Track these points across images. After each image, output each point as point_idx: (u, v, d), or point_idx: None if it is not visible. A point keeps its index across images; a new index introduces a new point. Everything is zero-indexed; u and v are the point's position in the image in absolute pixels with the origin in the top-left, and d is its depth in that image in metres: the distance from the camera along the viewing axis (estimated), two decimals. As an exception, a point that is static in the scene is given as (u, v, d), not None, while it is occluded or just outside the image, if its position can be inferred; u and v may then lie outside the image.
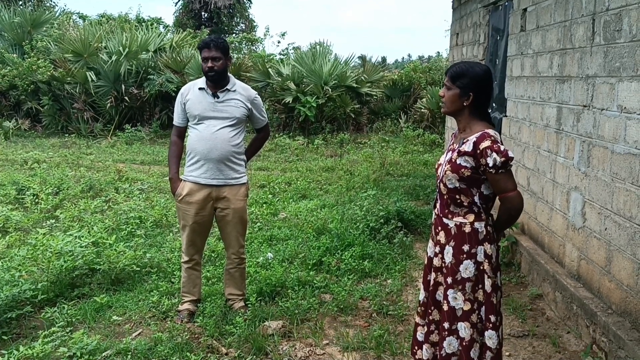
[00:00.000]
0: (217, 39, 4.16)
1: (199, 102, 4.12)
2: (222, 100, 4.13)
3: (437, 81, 16.72)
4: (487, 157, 2.67)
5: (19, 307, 4.28)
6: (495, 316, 2.78)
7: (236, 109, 4.16)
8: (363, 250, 5.58)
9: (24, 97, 15.35)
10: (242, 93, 4.22)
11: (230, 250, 4.34)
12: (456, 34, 9.31)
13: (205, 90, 4.14)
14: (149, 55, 15.71)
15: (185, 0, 30.66)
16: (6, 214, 6.62)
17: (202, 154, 4.09)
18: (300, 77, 15.56)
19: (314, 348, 3.84)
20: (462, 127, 2.88)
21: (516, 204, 2.76)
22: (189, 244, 4.24)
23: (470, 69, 2.81)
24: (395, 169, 10.48)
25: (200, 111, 4.10)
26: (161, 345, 3.75)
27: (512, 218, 2.84)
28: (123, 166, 10.37)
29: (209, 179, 4.13)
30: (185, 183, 4.18)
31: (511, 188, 2.73)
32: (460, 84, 2.80)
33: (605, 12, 3.92)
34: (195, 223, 4.18)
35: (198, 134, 4.11)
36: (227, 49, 4.16)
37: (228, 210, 4.19)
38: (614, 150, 3.75)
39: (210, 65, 4.06)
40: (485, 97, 2.83)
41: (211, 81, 4.12)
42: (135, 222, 6.55)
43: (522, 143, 5.72)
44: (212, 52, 4.06)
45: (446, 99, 2.88)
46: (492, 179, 2.73)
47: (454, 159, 2.79)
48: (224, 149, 4.09)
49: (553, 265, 4.70)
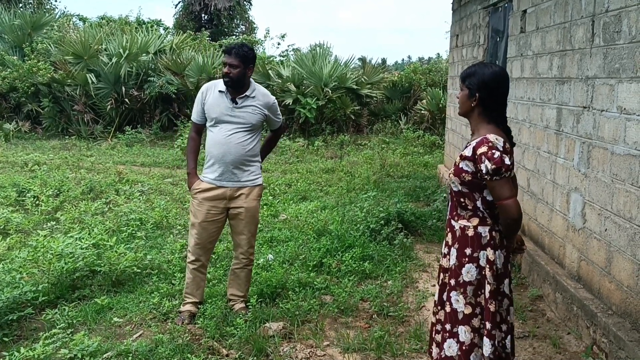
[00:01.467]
0: (242, 47, 4.17)
1: (217, 105, 4.14)
2: (240, 106, 4.15)
3: (437, 83, 16.75)
4: (482, 163, 2.65)
5: (20, 308, 4.27)
6: (491, 323, 2.73)
7: (253, 115, 4.18)
8: (363, 251, 5.59)
9: (25, 99, 15.37)
10: (260, 99, 4.24)
11: (240, 250, 4.36)
12: (456, 36, 9.33)
13: (225, 94, 4.16)
14: (149, 57, 15.73)
15: (186, 2, 30.71)
16: (7, 216, 6.62)
17: (217, 157, 4.14)
18: (300, 78, 15.59)
19: (314, 349, 3.85)
20: (472, 129, 2.86)
21: (511, 213, 2.68)
22: (196, 242, 4.25)
23: (479, 69, 2.79)
24: (395, 171, 10.49)
25: (217, 114, 4.13)
26: (162, 346, 3.76)
27: (509, 226, 2.76)
28: (123, 168, 10.39)
29: (224, 182, 4.18)
30: (202, 183, 4.23)
31: (506, 196, 2.67)
32: (468, 84, 2.79)
33: (605, 14, 3.93)
34: (205, 221, 4.20)
35: (213, 137, 4.16)
36: (248, 58, 4.13)
37: (241, 209, 4.22)
38: (614, 151, 3.76)
39: (226, 71, 4.08)
40: (492, 98, 2.76)
41: (229, 86, 4.13)
42: (136, 224, 6.55)
43: (522, 144, 5.73)
44: (230, 58, 4.09)
45: (459, 99, 2.87)
46: (488, 186, 2.71)
47: (457, 162, 2.79)
48: (237, 154, 4.13)
49: (553, 267, 4.71)
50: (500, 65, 2.86)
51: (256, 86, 4.28)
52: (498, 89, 2.78)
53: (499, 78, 2.77)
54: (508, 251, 2.84)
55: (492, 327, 2.74)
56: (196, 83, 14.85)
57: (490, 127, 2.76)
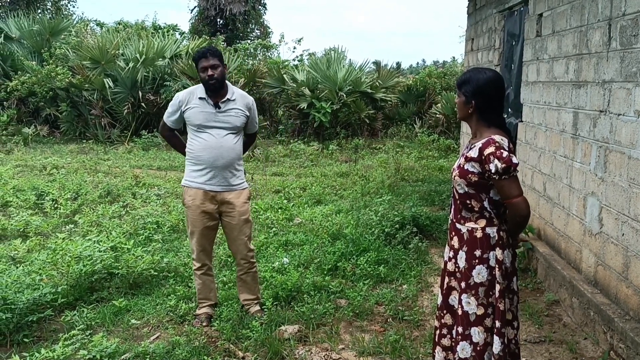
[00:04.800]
0: (212, 47, 4.19)
1: (199, 112, 4.13)
2: (223, 110, 4.16)
3: (452, 86, 16.69)
4: (490, 163, 2.69)
5: (40, 310, 4.34)
6: (500, 322, 2.77)
7: (237, 118, 4.20)
8: (378, 255, 5.59)
9: (43, 103, 15.59)
10: (241, 101, 4.26)
11: (239, 256, 4.38)
12: (471, 40, 9.31)
13: (206, 100, 4.14)
14: (165, 62, 15.87)
15: (201, 7, 30.90)
16: (26, 219, 6.73)
17: (209, 162, 4.13)
18: (314, 82, 15.63)
19: (329, 352, 3.86)
20: (473, 132, 2.92)
21: (521, 210, 2.74)
22: (199, 250, 4.29)
23: (474, 75, 2.84)
24: (410, 175, 10.47)
25: (201, 121, 4.13)
26: (179, 348, 3.80)
27: (518, 224, 2.81)
28: (140, 172, 10.49)
29: (215, 186, 4.18)
30: (190, 189, 4.21)
31: (515, 194, 2.72)
32: (464, 91, 2.86)
33: (622, 17, 3.92)
34: (205, 228, 4.23)
35: (203, 142, 4.13)
36: (222, 56, 4.18)
37: (234, 214, 4.24)
38: (631, 156, 3.74)
39: (210, 73, 4.06)
40: (488, 103, 2.81)
41: (212, 90, 4.12)
42: (153, 227, 6.62)
43: (538, 148, 5.70)
44: (210, 60, 4.08)
45: (457, 106, 2.96)
46: (497, 185, 2.75)
47: (462, 164, 2.83)
48: (229, 157, 4.15)
49: (570, 271, 4.68)
50: (493, 70, 2.89)
51: (234, 89, 4.28)
52: (493, 95, 2.83)
53: (492, 84, 2.82)
54: (513, 248, 2.90)
55: (501, 326, 2.78)
56: (211, 87, 14.93)
57: (493, 129, 2.82)
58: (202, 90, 4.17)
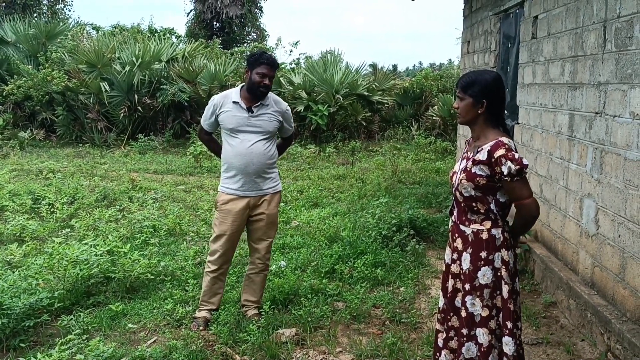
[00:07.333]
0: (275, 59, 4.28)
1: (233, 116, 4.18)
2: (256, 114, 4.19)
3: (448, 89, 16.74)
4: (502, 165, 2.69)
5: (36, 315, 4.32)
6: (512, 322, 2.78)
7: (269, 122, 4.23)
8: (375, 258, 5.59)
9: (39, 107, 15.54)
10: (274, 106, 4.29)
11: (257, 255, 4.40)
12: (467, 42, 9.33)
13: (239, 104, 4.19)
14: (162, 66, 15.85)
15: (197, 11, 30.89)
16: (22, 223, 6.70)
17: (239, 168, 4.17)
18: (311, 85, 15.65)
19: (327, 356, 3.86)
20: (476, 135, 2.91)
21: (532, 211, 2.79)
22: (221, 253, 4.28)
23: (480, 76, 2.86)
24: (407, 177, 10.49)
25: (234, 125, 4.17)
26: (176, 352, 3.79)
27: (528, 225, 2.88)
28: (136, 175, 10.47)
29: (247, 192, 4.22)
30: (223, 194, 4.26)
31: (527, 195, 2.76)
32: (472, 93, 2.84)
33: (617, 19, 3.93)
34: (233, 233, 4.25)
35: (234, 149, 4.18)
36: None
37: (262, 216, 4.28)
38: (627, 157, 3.75)
39: (266, 83, 4.13)
40: (498, 102, 2.86)
41: (258, 97, 4.18)
42: (149, 231, 6.60)
43: (535, 150, 5.71)
44: (272, 70, 4.17)
45: (460, 109, 2.91)
46: (507, 187, 2.75)
47: (469, 167, 2.82)
48: (260, 163, 4.18)
49: (567, 273, 4.69)
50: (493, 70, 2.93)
51: (270, 94, 4.31)
52: (501, 93, 2.89)
53: (499, 83, 2.88)
54: (515, 249, 2.92)
55: (513, 326, 2.79)
56: (208, 91, 14.95)
57: (497, 131, 2.84)
58: (237, 94, 4.22)
